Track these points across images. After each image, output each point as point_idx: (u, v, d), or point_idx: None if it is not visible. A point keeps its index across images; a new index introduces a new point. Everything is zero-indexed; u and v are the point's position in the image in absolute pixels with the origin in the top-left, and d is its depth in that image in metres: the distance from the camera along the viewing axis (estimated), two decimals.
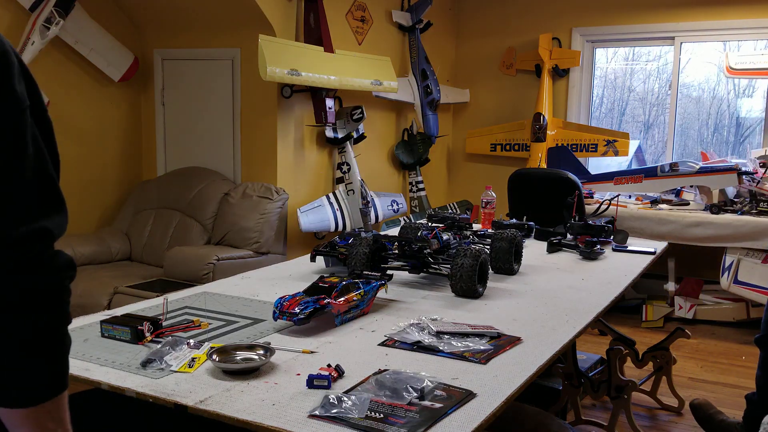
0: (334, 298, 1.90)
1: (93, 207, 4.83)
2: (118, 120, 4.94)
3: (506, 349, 1.75)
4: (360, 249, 2.37)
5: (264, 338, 1.80)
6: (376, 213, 5.03)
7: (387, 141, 5.62)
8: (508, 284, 2.44)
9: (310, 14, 4.54)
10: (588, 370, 3.24)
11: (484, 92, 6.23)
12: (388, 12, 5.43)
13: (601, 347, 3.73)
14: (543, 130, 5.67)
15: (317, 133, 4.86)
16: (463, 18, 6.27)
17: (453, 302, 2.19)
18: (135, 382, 1.50)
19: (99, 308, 3.68)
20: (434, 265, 2.41)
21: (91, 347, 1.72)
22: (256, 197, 4.41)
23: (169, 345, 1.66)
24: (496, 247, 2.56)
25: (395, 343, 1.77)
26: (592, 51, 5.90)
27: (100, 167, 4.84)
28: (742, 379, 3.89)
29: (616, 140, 5.60)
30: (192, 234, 4.52)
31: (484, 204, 3.49)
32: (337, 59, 4.56)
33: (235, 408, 1.38)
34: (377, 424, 1.31)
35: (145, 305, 2.10)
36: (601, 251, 2.93)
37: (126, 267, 4.48)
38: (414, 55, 5.54)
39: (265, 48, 4.03)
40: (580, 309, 2.14)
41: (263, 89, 4.50)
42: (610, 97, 6.25)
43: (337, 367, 1.54)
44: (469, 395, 1.46)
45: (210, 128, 4.83)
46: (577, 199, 3.41)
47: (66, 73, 4.55)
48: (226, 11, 4.46)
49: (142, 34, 4.97)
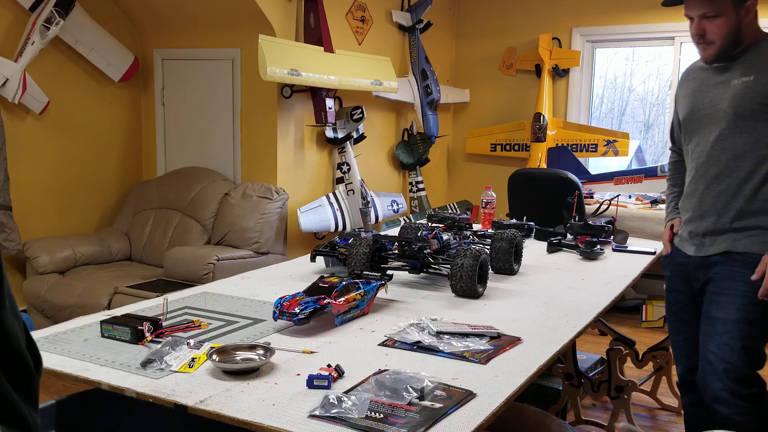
0: (334, 298, 1.90)
1: (93, 207, 4.83)
2: (118, 120, 4.94)
3: (506, 349, 1.75)
4: (360, 249, 2.37)
5: (264, 338, 1.80)
6: (376, 213, 5.03)
7: (387, 141, 5.62)
8: (508, 284, 2.44)
9: (310, 14, 4.55)
10: (588, 370, 3.24)
11: (484, 92, 6.23)
12: (388, 12, 5.43)
13: (601, 347, 3.74)
14: (543, 130, 5.67)
15: (317, 133, 4.86)
16: (463, 18, 6.27)
17: (453, 302, 2.19)
18: (135, 382, 1.50)
19: (99, 308, 3.68)
20: (434, 265, 2.41)
21: (91, 347, 1.72)
22: (256, 197, 4.41)
23: (169, 345, 1.66)
24: (496, 247, 2.56)
25: (395, 343, 1.77)
26: (592, 51, 5.90)
27: (100, 167, 4.84)
28: None
29: (616, 140, 5.60)
30: (192, 234, 4.52)
31: (484, 204, 3.49)
32: (337, 59, 4.56)
33: (235, 408, 1.38)
34: (377, 424, 1.31)
35: (145, 305, 2.10)
36: (601, 251, 2.93)
37: (126, 267, 4.48)
38: (414, 55, 5.54)
39: (265, 48, 4.03)
40: (580, 309, 2.14)
41: (263, 89, 4.50)
42: (610, 97, 6.25)
43: (337, 367, 1.54)
44: (469, 395, 1.46)
45: (210, 128, 4.83)
46: (577, 199, 3.41)
47: (66, 73, 4.55)
48: (226, 11, 4.46)
49: (142, 34, 4.97)
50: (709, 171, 2.23)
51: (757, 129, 2.12)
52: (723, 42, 2.13)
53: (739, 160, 2.15)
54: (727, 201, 2.19)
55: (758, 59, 2.14)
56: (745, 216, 2.16)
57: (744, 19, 2.12)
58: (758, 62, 2.13)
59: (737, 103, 2.14)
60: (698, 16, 2.14)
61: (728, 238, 2.20)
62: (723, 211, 2.20)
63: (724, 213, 2.20)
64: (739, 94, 2.14)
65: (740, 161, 2.15)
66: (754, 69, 2.13)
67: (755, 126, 2.12)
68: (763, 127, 2.12)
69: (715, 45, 2.14)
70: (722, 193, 2.20)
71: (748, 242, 2.16)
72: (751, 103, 2.12)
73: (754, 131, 2.12)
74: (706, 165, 2.24)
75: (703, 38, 2.15)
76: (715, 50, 2.16)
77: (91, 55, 4.58)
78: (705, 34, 2.14)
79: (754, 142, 2.13)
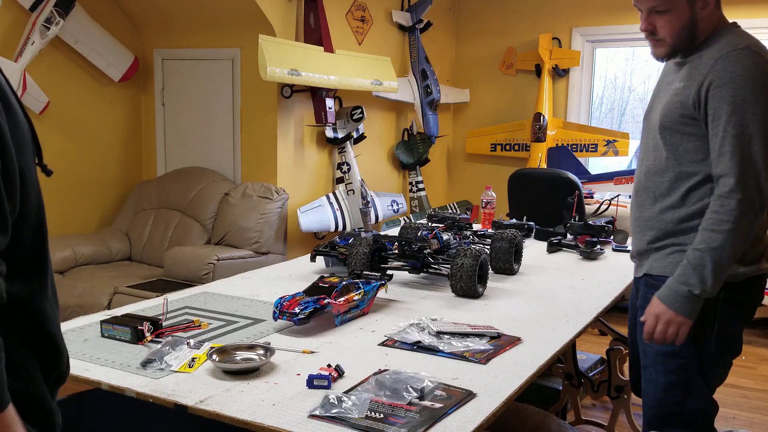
0: (334, 298, 1.90)
1: (93, 207, 4.83)
2: (118, 120, 4.94)
3: (506, 349, 1.75)
4: (360, 249, 2.37)
5: (264, 338, 1.80)
6: (376, 213, 5.03)
7: (387, 141, 5.62)
8: (508, 284, 2.44)
9: (310, 14, 4.54)
10: (588, 370, 3.24)
11: (484, 92, 6.23)
12: (388, 12, 5.43)
13: (601, 347, 3.73)
14: (543, 130, 5.67)
15: (317, 133, 4.86)
16: (463, 18, 6.27)
17: (453, 302, 2.19)
18: (135, 382, 1.50)
19: (99, 308, 3.68)
20: (434, 265, 2.41)
21: (91, 347, 1.72)
22: (256, 197, 4.41)
23: (169, 345, 1.66)
24: (496, 247, 2.56)
25: (395, 343, 1.77)
26: (592, 51, 5.90)
27: (100, 167, 4.84)
28: (742, 379, 3.89)
29: (616, 140, 5.60)
30: (192, 234, 4.52)
31: (484, 204, 3.49)
32: (337, 59, 4.56)
33: (235, 408, 1.38)
34: (377, 424, 1.31)
35: (145, 305, 2.10)
36: (601, 251, 2.93)
37: (126, 267, 4.48)
38: (414, 55, 5.54)
39: (265, 48, 4.03)
40: (580, 309, 2.14)
41: (263, 89, 4.50)
42: (610, 97, 6.25)
43: (337, 367, 1.54)
44: (469, 395, 1.46)
45: (210, 128, 4.83)
46: (577, 199, 3.41)
47: (66, 73, 4.55)
48: (226, 11, 4.46)
49: (142, 34, 4.97)
50: (638, 185, 2.00)
51: (682, 143, 1.84)
52: (674, 40, 1.84)
53: (663, 174, 1.89)
54: (647, 219, 1.94)
55: (698, 62, 1.82)
56: (664, 236, 1.90)
57: (701, 12, 1.81)
58: (694, 66, 1.83)
59: (664, 113, 1.88)
60: (647, 9, 1.85)
61: (650, 259, 1.95)
62: (645, 230, 1.95)
63: (647, 231, 1.95)
64: (668, 102, 1.87)
65: (664, 176, 1.89)
66: (688, 75, 1.84)
67: (680, 140, 1.84)
68: (687, 141, 1.83)
69: (666, 43, 1.85)
70: (644, 209, 1.95)
71: (665, 264, 1.89)
72: (674, 114, 1.84)
73: (679, 145, 1.85)
74: (637, 178, 2.01)
75: (653, 35, 1.87)
76: (666, 48, 1.87)
77: (91, 55, 4.58)
78: (655, 31, 1.86)
79: (678, 158, 1.85)
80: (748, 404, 3.61)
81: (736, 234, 1.73)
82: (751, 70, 1.73)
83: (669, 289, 1.80)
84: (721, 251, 1.73)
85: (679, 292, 1.77)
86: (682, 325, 1.79)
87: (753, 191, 1.73)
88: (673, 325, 1.79)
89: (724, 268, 1.75)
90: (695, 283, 1.75)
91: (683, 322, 1.78)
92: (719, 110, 1.75)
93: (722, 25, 1.86)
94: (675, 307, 1.78)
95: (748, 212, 1.73)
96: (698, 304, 1.77)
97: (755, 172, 1.72)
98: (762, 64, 1.75)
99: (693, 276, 1.75)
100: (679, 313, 1.78)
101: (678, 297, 1.78)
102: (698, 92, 1.78)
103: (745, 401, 3.64)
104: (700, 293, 1.75)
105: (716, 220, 1.74)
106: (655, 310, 1.82)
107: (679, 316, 1.78)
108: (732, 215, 1.72)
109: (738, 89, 1.73)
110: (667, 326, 1.80)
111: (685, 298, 1.77)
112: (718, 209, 1.74)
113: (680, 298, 1.77)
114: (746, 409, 3.55)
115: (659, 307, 1.81)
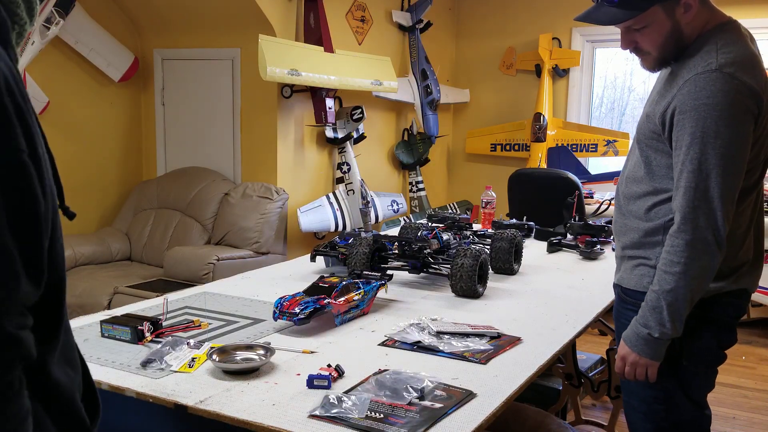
0: (334, 298, 1.90)
1: (93, 207, 4.82)
2: (118, 120, 4.94)
3: (506, 349, 1.75)
4: (360, 249, 2.37)
5: (264, 338, 1.80)
6: (376, 213, 5.03)
7: (387, 141, 5.62)
8: (508, 284, 2.44)
9: (310, 14, 4.55)
10: (588, 370, 3.24)
11: (484, 92, 6.23)
12: (388, 12, 5.43)
13: (601, 347, 3.73)
14: (543, 130, 5.67)
15: (317, 133, 4.86)
16: (463, 18, 6.27)
17: (453, 302, 2.19)
18: (135, 382, 1.50)
19: (99, 308, 3.68)
20: (434, 265, 2.41)
21: (91, 347, 1.72)
22: (256, 197, 4.41)
23: (169, 345, 1.66)
24: (496, 247, 2.56)
25: (395, 343, 1.77)
26: (592, 51, 5.90)
27: (100, 167, 4.84)
28: (742, 379, 3.89)
29: (616, 140, 5.60)
30: (192, 234, 4.52)
31: (484, 204, 3.49)
32: (337, 59, 4.56)
33: (235, 408, 1.38)
34: (377, 424, 1.31)
35: (145, 305, 2.10)
36: (601, 251, 2.93)
37: (126, 267, 4.48)
38: (414, 55, 5.54)
39: (265, 48, 4.03)
40: (580, 309, 2.14)
41: (263, 89, 4.50)
42: (610, 97, 6.25)
43: (337, 367, 1.54)
44: (469, 395, 1.46)
45: (210, 128, 4.83)
46: (577, 199, 3.41)
47: (66, 73, 4.55)
48: (226, 11, 4.46)
49: (142, 34, 4.97)
50: (618, 189, 1.92)
51: (655, 158, 1.74)
52: (660, 53, 1.72)
53: (639, 184, 1.79)
54: (621, 225, 1.86)
55: (679, 71, 1.69)
56: (632, 245, 1.81)
57: (683, 18, 1.67)
58: (674, 77, 1.70)
59: (639, 125, 1.80)
60: (624, 28, 1.73)
61: (622, 268, 1.87)
62: (620, 235, 1.87)
63: (621, 237, 1.86)
64: (645, 114, 1.78)
65: (639, 186, 1.79)
66: (666, 87, 1.72)
67: (653, 155, 1.75)
68: (659, 157, 1.73)
69: (652, 55, 1.73)
70: (620, 215, 1.87)
71: (631, 276, 1.81)
72: (646, 129, 1.76)
73: (652, 160, 1.75)
74: (619, 182, 1.93)
75: (638, 50, 1.75)
76: (654, 60, 1.75)
77: (91, 55, 4.58)
78: (638, 46, 1.74)
79: (650, 172, 1.76)
80: (748, 404, 3.61)
81: (688, 276, 1.62)
82: (717, 98, 1.58)
83: (632, 330, 1.73)
84: (675, 294, 1.64)
85: (640, 334, 1.70)
86: (649, 366, 1.72)
87: (705, 230, 1.60)
88: (640, 367, 1.73)
89: (681, 311, 1.65)
90: (654, 326, 1.67)
91: (648, 363, 1.72)
92: (680, 140, 1.63)
93: (711, 23, 1.70)
94: (638, 350, 1.71)
95: (701, 254, 1.61)
96: (661, 346, 1.69)
97: (710, 209, 1.60)
98: (730, 90, 1.58)
99: (651, 318, 1.68)
100: (643, 356, 1.71)
101: (639, 340, 1.71)
102: (663, 114, 1.68)
103: (745, 401, 3.64)
104: (659, 336, 1.67)
105: (668, 261, 1.65)
106: (622, 352, 1.77)
107: (643, 358, 1.71)
108: (681, 257, 1.62)
109: (699, 119, 1.59)
110: (634, 368, 1.74)
111: (645, 341, 1.69)
112: (669, 249, 1.65)
113: (641, 341, 1.70)
114: (746, 409, 3.55)
115: (624, 349, 1.76)
